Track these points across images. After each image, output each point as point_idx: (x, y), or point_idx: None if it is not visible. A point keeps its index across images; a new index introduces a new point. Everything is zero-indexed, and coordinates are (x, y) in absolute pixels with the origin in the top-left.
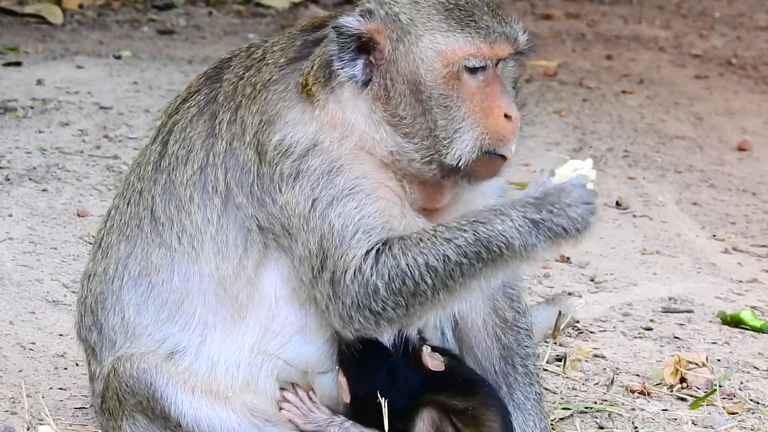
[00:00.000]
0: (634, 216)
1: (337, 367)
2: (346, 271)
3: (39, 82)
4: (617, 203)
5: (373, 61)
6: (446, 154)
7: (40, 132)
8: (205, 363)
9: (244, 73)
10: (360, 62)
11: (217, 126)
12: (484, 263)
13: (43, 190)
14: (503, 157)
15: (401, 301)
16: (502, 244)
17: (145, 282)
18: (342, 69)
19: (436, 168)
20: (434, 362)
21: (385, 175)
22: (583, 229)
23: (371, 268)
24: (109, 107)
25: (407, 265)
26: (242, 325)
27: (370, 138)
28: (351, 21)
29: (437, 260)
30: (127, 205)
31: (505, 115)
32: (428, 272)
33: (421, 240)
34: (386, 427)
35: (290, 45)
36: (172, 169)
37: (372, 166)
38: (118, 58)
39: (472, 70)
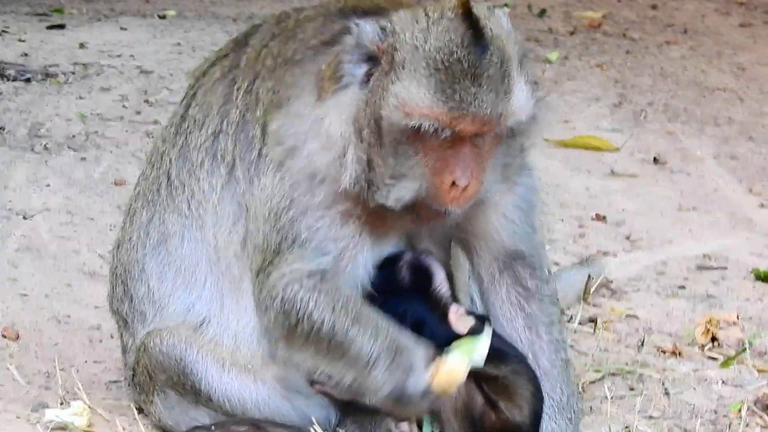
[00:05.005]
0: (672, 172)
1: None
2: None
3: (82, 45)
4: (655, 159)
5: (372, 75)
6: (385, 195)
7: (81, 98)
8: (228, 333)
9: (269, 41)
10: (362, 71)
11: (235, 92)
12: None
13: (82, 159)
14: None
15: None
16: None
17: (163, 249)
18: (346, 73)
19: (376, 203)
20: (459, 324)
21: (349, 204)
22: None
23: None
24: (151, 71)
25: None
26: (244, 298)
27: (347, 150)
28: (369, 32)
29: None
30: (152, 169)
31: (453, 183)
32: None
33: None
34: None
35: (325, 25)
36: (189, 132)
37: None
38: (163, 18)
39: (433, 130)
